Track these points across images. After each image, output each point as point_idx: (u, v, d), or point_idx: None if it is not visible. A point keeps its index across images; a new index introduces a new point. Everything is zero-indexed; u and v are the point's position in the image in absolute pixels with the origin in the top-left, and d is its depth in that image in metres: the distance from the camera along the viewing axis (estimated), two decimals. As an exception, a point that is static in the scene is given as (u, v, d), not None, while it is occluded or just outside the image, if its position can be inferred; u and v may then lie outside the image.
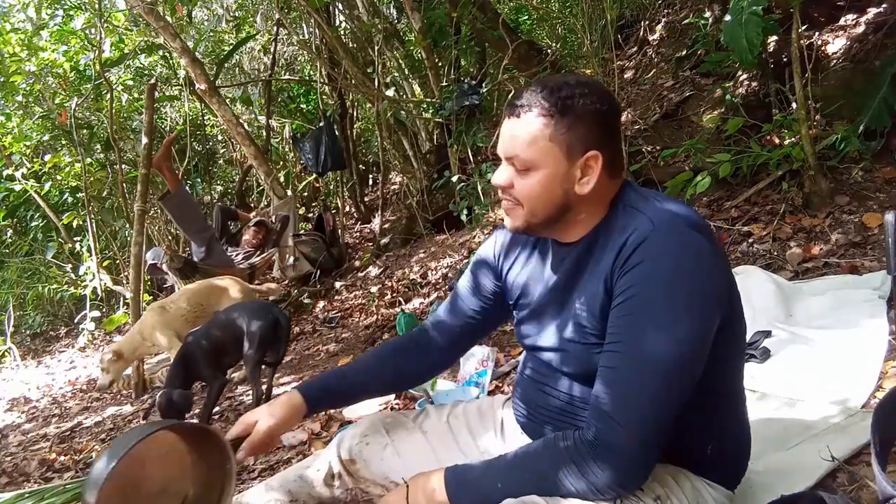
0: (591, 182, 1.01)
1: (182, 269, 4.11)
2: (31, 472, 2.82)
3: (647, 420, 0.93)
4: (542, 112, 0.99)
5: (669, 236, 0.95)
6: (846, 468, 1.32)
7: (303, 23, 6.87)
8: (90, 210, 6.16)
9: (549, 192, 1.01)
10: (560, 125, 0.99)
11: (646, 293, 0.94)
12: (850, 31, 3.42)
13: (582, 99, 1.00)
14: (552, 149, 1.00)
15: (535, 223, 1.06)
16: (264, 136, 7.02)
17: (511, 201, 1.06)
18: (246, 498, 1.29)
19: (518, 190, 1.03)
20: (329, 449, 1.32)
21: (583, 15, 4.55)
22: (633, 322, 0.94)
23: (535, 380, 1.18)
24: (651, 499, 1.01)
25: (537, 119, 1.00)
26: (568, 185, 1.01)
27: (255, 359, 2.99)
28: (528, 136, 1.00)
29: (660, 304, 0.93)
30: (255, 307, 3.24)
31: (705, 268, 0.95)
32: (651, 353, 0.93)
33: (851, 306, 2.12)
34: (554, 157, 1.00)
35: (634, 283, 0.94)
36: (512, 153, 1.02)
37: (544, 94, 1.00)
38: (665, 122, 4.13)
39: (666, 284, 0.93)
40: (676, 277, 0.93)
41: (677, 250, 0.94)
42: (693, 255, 0.95)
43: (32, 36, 6.31)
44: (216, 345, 3.04)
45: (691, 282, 0.94)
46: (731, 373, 1.11)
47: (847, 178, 2.93)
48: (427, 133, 6.42)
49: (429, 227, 5.37)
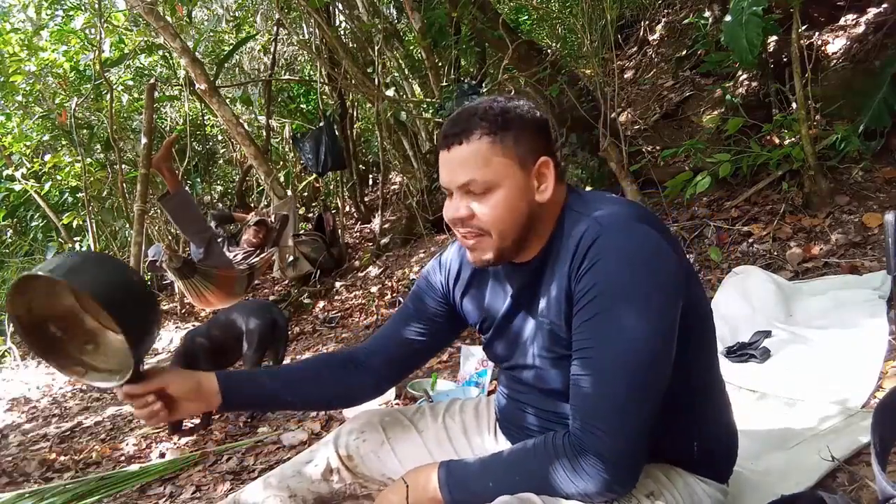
0: (548, 189, 1.01)
1: (181, 268, 4.10)
2: (31, 472, 2.82)
3: (629, 424, 0.93)
4: (484, 132, 0.98)
5: (618, 233, 0.95)
6: (846, 468, 1.32)
7: (303, 23, 6.87)
8: (90, 210, 6.17)
9: (514, 209, 1.00)
10: (506, 139, 0.99)
11: (604, 293, 0.93)
12: (850, 31, 3.42)
13: (517, 111, 1.01)
14: (506, 164, 0.99)
15: (505, 248, 1.02)
16: (264, 136, 7.02)
17: (474, 233, 1.02)
18: (244, 495, 1.29)
19: (481, 216, 1.00)
20: (326, 444, 1.32)
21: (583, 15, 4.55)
22: (596, 326, 0.94)
23: (513, 398, 1.18)
24: (644, 495, 1.02)
25: (482, 140, 0.98)
26: (529, 196, 1.01)
27: (253, 358, 3.00)
28: (480, 158, 0.98)
29: (620, 302, 0.92)
30: (254, 307, 3.25)
31: (657, 258, 0.95)
32: (620, 354, 0.92)
33: (851, 306, 2.12)
34: (510, 171, 0.99)
35: (591, 286, 0.94)
36: (466, 179, 0.99)
37: (480, 115, 0.99)
38: (665, 122, 4.14)
39: (622, 282, 0.93)
40: (631, 272, 0.93)
41: (627, 245, 0.94)
42: (643, 248, 0.94)
43: (32, 36, 6.31)
44: (216, 344, 3.05)
45: (646, 273, 0.93)
46: (704, 364, 1.10)
47: (847, 178, 2.93)
48: (427, 133, 6.42)
49: (429, 227, 5.37)
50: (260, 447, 2.59)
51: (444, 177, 1.03)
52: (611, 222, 0.96)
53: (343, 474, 1.27)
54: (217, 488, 2.26)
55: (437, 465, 1.07)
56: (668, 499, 1.04)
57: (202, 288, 4.23)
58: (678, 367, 0.97)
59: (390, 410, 1.38)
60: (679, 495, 1.07)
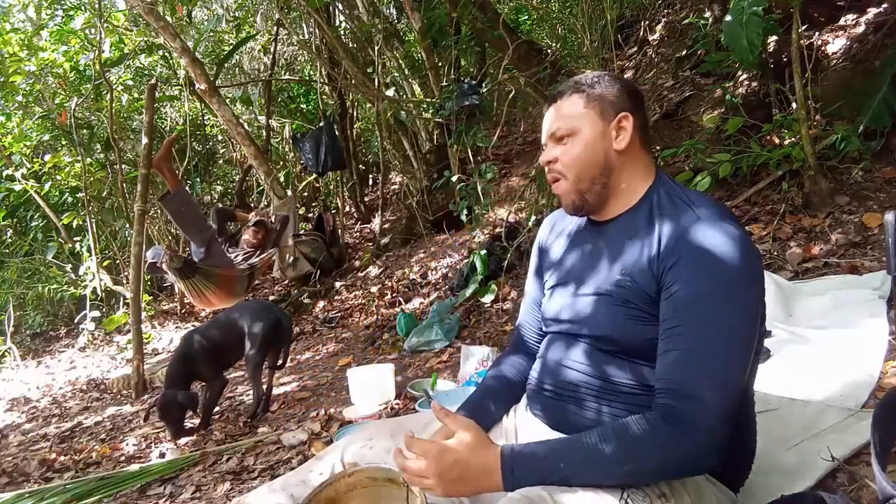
0: (625, 139, 1.12)
1: (182, 269, 4.10)
2: (31, 472, 2.82)
3: (724, 396, 0.96)
4: (575, 90, 1.15)
5: (718, 226, 1.01)
6: (846, 468, 1.32)
7: (303, 23, 6.87)
8: (90, 210, 6.17)
9: (590, 153, 1.12)
10: (592, 94, 1.14)
11: (704, 280, 0.99)
12: (850, 31, 3.42)
13: (608, 77, 1.16)
14: (587, 114, 1.13)
15: (583, 191, 1.14)
16: (264, 136, 7.02)
17: (555, 177, 1.17)
18: (248, 500, 1.29)
19: (562, 159, 1.15)
20: (333, 452, 1.31)
21: (583, 15, 4.55)
22: (695, 306, 0.99)
23: (554, 357, 1.20)
24: (656, 496, 1.02)
25: (572, 96, 1.15)
26: (606, 143, 1.12)
27: (256, 359, 2.99)
28: (566, 110, 1.15)
29: (719, 288, 0.98)
30: (256, 307, 3.24)
31: (753, 256, 1.01)
32: (721, 334, 0.97)
33: (851, 306, 2.12)
34: (590, 120, 1.13)
35: (690, 272, 1.00)
36: (553, 128, 1.16)
37: (577, 79, 1.17)
38: (665, 122, 4.13)
39: (722, 271, 0.99)
40: (731, 264, 0.98)
41: (727, 239, 1.00)
42: (741, 244, 1.00)
43: (32, 36, 6.31)
44: (216, 345, 3.05)
45: (745, 267, 0.99)
46: (754, 365, 1.12)
47: (847, 178, 2.93)
48: (427, 133, 6.42)
49: (429, 227, 5.37)
50: (260, 447, 2.59)
51: (543, 129, 1.20)
52: (709, 214, 1.03)
53: None
54: (217, 488, 2.26)
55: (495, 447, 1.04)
56: (678, 502, 1.04)
57: (203, 288, 4.23)
58: None
59: (399, 419, 1.38)
60: (689, 497, 1.06)
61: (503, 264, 3.84)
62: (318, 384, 3.47)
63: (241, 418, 3.05)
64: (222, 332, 3.09)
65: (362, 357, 3.83)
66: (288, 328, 3.19)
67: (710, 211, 1.04)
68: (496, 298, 3.69)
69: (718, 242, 0.99)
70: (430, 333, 3.52)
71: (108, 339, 6.39)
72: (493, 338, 3.32)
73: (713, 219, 1.02)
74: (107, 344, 6.25)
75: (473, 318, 3.69)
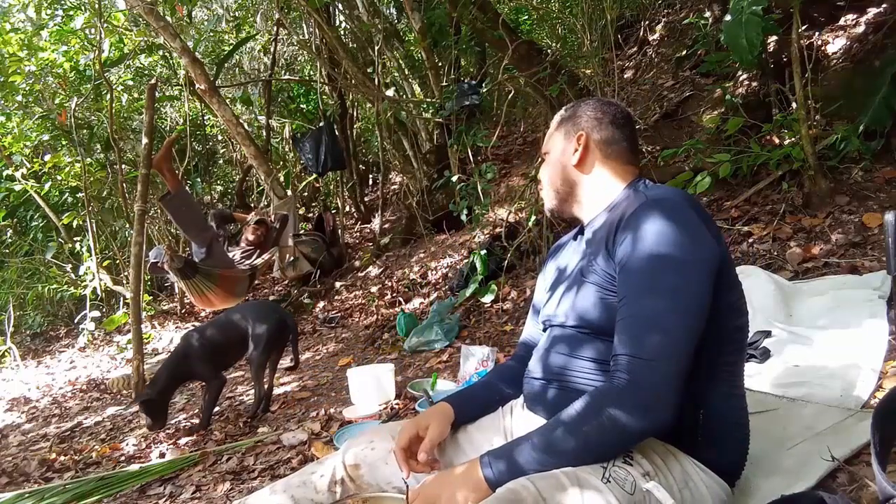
0: (578, 154, 1.29)
1: (182, 269, 4.10)
2: (31, 472, 2.82)
3: (668, 354, 1.02)
4: (560, 117, 1.37)
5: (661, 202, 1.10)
6: (846, 468, 1.31)
7: (303, 23, 6.87)
8: (90, 210, 6.17)
9: (557, 168, 1.33)
10: (563, 118, 1.36)
11: (646, 251, 1.07)
12: (850, 31, 3.42)
13: (585, 102, 1.35)
14: (558, 136, 1.35)
15: (556, 196, 1.34)
16: (264, 136, 7.02)
17: (541, 188, 1.38)
18: (250, 501, 1.30)
19: (542, 174, 1.37)
20: (335, 455, 1.33)
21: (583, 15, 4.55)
22: (638, 277, 1.07)
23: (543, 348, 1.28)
24: (640, 473, 1.04)
25: (556, 121, 1.38)
26: (565, 159, 1.32)
27: (259, 360, 2.99)
28: (549, 134, 1.38)
29: (657, 255, 1.06)
30: (260, 308, 3.24)
31: (694, 223, 1.08)
32: (660, 296, 1.04)
33: (851, 306, 2.12)
34: (559, 141, 1.35)
35: (635, 246, 1.08)
36: (543, 151, 1.39)
37: (567, 107, 1.37)
38: (665, 122, 4.13)
39: (659, 239, 1.06)
40: (669, 232, 1.06)
41: (667, 213, 1.08)
42: (682, 222, 1.07)
43: (32, 36, 6.31)
44: (214, 345, 3.04)
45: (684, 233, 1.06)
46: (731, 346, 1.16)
47: (847, 178, 2.93)
48: (427, 133, 6.42)
49: (429, 227, 5.37)
50: (260, 447, 2.59)
51: None
52: (660, 196, 1.12)
53: (347, 485, 1.28)
54: (217, 488, 2.26)
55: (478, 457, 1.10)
56: (661, 481, 1.06)
57: (204, 289, 4.23)
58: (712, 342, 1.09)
59: (401, 422, 1.39)
60: (673, 478, 1.08)
61: (503, 264, 3.85)
62: (318, 384, 3.47)
63: (241, 418, 3.05)
64: (222, 333, 3.08)
65: (362, 357, 3.83)
66: (293, 328, 3.20)
67: (660, 192, 1.15)
68: (496, 298, 3.69)
69: (658, 216, 1.07)
70: (430, 333, 3.52)
71: (108, 339, 6.39)
72: (493, 338, 3.32)
73: (659, 198, 1.11)
74: (107, 344, 6.25)
75: (473, 318, 3.70)
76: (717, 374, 1.14)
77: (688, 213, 1.08)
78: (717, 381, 1.15)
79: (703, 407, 1.12)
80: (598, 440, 1.02)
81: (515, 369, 1.40)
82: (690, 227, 1.07)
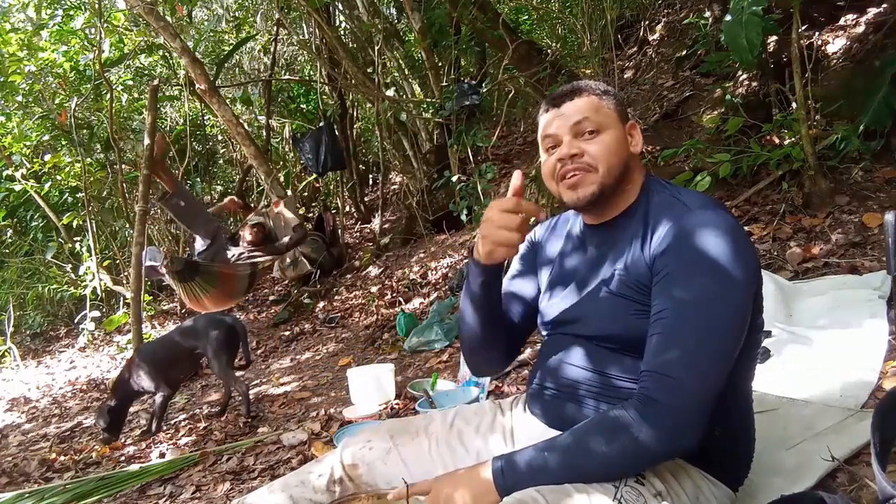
0: (638, 145, 1.19)
1: (182, 271, 4.07)
2: (31, 472, 2.82)
3: (700, 376, 0.97)
4: (592, 93, 1.18)
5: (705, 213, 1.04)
6: (846, 468, 1.31)
7: (303, 23, 6.87)
8: (90, 210, 6.17)
9: (619, 149, 1.15)
10: (609, 101, 1.18)
11: (691, 264, 1.00)
12: (850, 31, 3.41)
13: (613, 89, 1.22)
14: (612, 115, 1.17)
15: (608, 185, 1.13)
16: (264, 136, 7.02)
17: (582, 167, 1.14)
18: (248, 501, 1.29)
19: (591, 152, 1.14)
20: (333, 454, 1.32)
21: (583, 15, 4.56)
22: (682, 291, 1.00)
23: (555, 358, 1.21)
24: (652, 495, 1.02)
25: (594, 97, 1.17)
26: (626, 145, 1.17)
27: (219, 364, 3.11)
28: (594, 106, 1.16)
29: (707, 272, 0.99)
30: (208, 319, 3.35)
31: (745, 243, 1.02)
32: (703, 316, 0.98)
33: (851, 306, 2.12)
34: (615, 120, 1.17)
35: (678, 257, 1.02)
36: (581, 117, 1.14)
37: (587, 84, 1.20)
38: (665, 122, 4.13)
39: (708, 256, 1.00)
40: (722, 249, 0.99)
41: (715, 226, 1.01)
42: (732, 231, 1.01)
43: (32, 36, 6.30)
44: (163, 359, 3.18)
45: (736, 253, 0.99)
46: (749, 362, 1.13)
47: (847, 178, 2.93)
48: (427, 133, 6.42)
49: (429, 227, 5.37)
50: (260, 447, 2.59)
51: (554, 128, 1.17)
52: (697, 200, 1.08)
53: (346, 485, 1.27)
54: (217, 488, 2.26)
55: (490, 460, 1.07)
56: (673, 500, 1.04)
57: (201, 291, 4.20)
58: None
59: (398, 420, 1.39)
60: (686, 495, 1.07)
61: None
62: (318, 384, 3.47)
63: (240, 418, 3.05)
64: (169, 348, 3.23)
65: (362, 357, 3.83)
66: (242, 330, 3.29)
67: (697, 201, 1.08)
68: (496, 298, 3.68)
69: (706, 230, 1.01)
70: (430, 333, 3.52)
71: (108, 339, 6.39)
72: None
73: (700, 207, 1.05)
74: (107, 344, 6.25)
75: (473, 318, 3.69)
76: (736, 393, 1.12)
77: (740, 231, 1.02)
78: (737, 399, 1.13)
79: (720, 424, 1.09)
80: (621, 462, 0.99)
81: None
82: (741, 245, 1.00)
